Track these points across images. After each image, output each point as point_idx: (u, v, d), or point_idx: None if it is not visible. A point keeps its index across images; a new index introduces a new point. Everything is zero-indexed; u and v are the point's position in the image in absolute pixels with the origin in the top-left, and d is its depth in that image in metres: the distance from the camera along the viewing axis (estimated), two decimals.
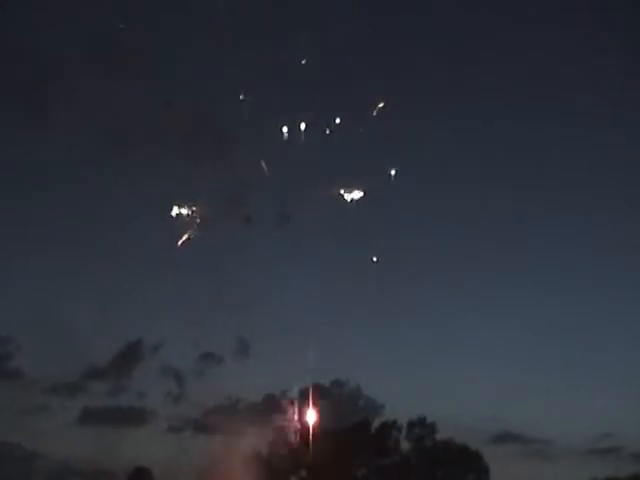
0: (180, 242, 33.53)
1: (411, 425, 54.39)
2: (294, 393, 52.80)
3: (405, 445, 54.42)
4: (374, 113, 32.97)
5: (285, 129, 32.61)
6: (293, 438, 52.84)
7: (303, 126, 32.43)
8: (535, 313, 59.27)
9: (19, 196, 49.42)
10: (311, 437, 50.76)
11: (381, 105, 32.94)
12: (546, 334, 58.12)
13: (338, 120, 32.77)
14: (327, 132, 32.74)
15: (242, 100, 31.82)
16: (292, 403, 48.84)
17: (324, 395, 53.31)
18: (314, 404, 49.50)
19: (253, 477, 50.20)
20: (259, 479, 50.89)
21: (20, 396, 50.59)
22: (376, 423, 54.87)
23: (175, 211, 33.42)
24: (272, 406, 51.70)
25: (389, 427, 54.77)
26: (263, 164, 32.93)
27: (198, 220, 33.65)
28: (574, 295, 59.35)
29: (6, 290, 51.44)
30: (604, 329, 58.01)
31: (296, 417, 49.54)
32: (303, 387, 52.96)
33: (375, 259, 36.01)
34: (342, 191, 33.49)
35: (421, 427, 54.32)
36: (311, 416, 48.32)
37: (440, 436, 53.69)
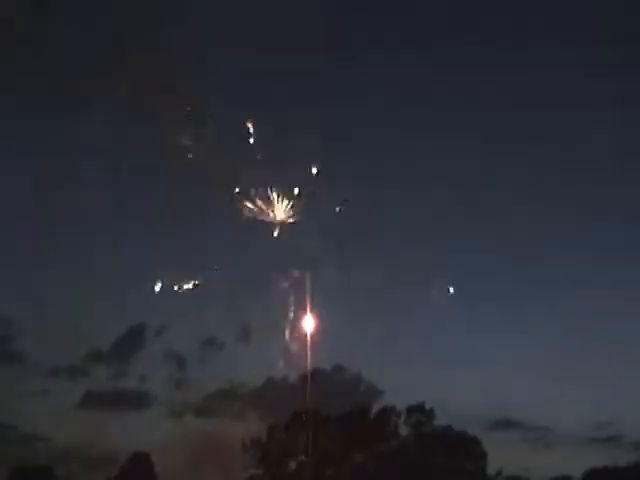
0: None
1: (410, 411, 54.43)
2: (295, 378, 53.06)
3: (404, 431, 54.55)
4: None
5: None
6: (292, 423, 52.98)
7: None
8: (535, 301, 59.39)
9: (19, 180, 49.31)
10: (310, 421, 51.09)
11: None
12: (547, 322, 58.40)
13: None
14: None
15: None
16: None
17: (325, 380, 53.53)
18: (315, 389, 49.72)
19: (252, 461, 50.57)
20: (258, 463, 51.28)
21: (21, 379, 50.65)
22: (375, 409, 54.98)
23: None
24: (272, 391, 51.77)
25: (388, 413, 54.79)
26: None
27: None
28: (574, 283, 59.44)
29: (8, 273, 51.23)
30: (606, 317, 58.04)
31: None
32: (304, 372, 53.24)
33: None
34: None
35: (420, 413, 54.33)
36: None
37: (439, 422, 53.85)
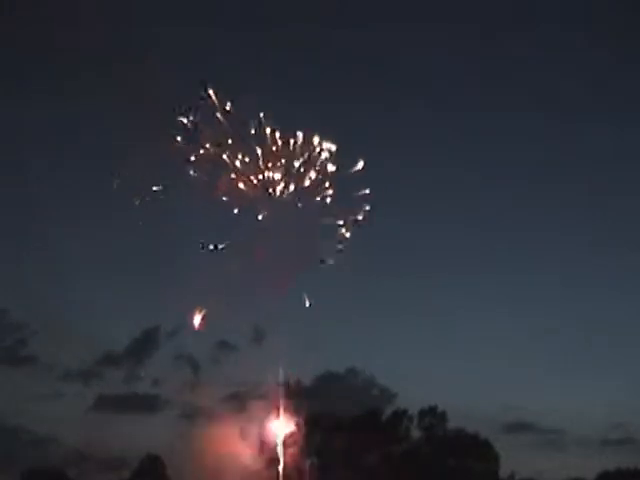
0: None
1: (422, 414, 54.41)
2: (308, 381, 53.02)
3: (416, 433, 54.48)
4: None
5: None
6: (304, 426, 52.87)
7: None
8: (549, 305, 59.57)
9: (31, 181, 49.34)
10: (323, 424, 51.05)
11: None
12: (559, 325, 58.46)
13: None
14: None
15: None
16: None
17: (339, 383, 53.56)
18: (328, 392, 49.66)
19: (264, 464, 50.45)
20: (270, 466, 51.13)
21: (34, 382, 50.81)
22: (388, 411, 54.97)
23: None
24: (285, 394, 51.65)
25: (400, 416, 54.78)
26: None
27: None
28: (586, 288, 59.59)
29: (21, 276, 51.36)
30: (618, 320, 58.06)
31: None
32: (317, 375, 53.29)
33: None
34: None
35: (432, 416, 54.35)
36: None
37: (451, 425, 53.83)
